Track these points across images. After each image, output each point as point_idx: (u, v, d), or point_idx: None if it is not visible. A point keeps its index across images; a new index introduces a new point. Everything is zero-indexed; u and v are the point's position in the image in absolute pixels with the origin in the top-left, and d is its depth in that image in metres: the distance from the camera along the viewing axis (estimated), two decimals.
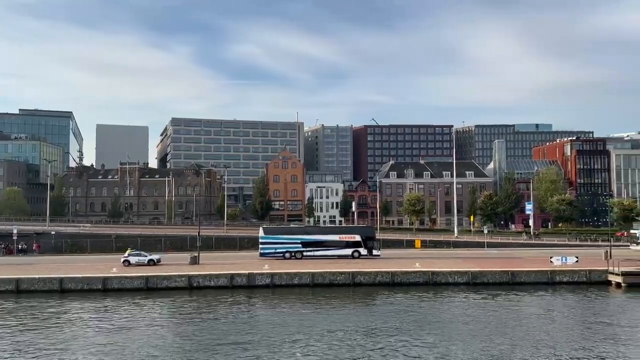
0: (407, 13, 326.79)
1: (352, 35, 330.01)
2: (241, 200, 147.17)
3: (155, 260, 52.55)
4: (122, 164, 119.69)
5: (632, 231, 69.79)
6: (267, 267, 47.68)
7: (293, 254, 56.53)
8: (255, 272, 45.46)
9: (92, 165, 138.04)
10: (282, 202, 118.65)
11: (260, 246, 57.82)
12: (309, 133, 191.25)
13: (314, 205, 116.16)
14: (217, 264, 51.13)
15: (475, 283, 44.34)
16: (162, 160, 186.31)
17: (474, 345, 26.25)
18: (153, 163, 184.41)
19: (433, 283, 44.41)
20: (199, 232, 58.94)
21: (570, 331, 29.61)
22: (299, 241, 57.33)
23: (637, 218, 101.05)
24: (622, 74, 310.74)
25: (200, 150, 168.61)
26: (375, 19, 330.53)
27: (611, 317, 33.16)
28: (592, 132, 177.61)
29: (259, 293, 42.06)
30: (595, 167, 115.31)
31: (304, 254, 56.54)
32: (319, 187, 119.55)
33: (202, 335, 29.20)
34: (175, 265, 50.73)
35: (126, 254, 53.26)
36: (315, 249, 56.93)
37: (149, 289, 43.33)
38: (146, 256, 52.97)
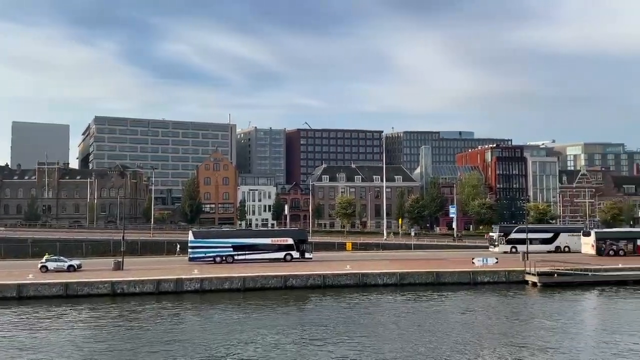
0: (340, 20, 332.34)
1: (285, 38, 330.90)
2: (169, 203, 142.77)
3: (76, 266, 49.72)
4: (41, 164, 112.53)
5: (490, 234, 73.05)
6: (196, 272, 46.51)
7: (224, 258, 55.52)
8: (183, 277, 44.19)
9: (7, 165, 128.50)
10: (213, 205, 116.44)
11: (189, 250, 56.28)
12: (242, 135, 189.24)
13: (246, 208, 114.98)
14: (143, 270, 49.21)
15: (403, 284, 45.67)
16: (84, 160, 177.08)
17: (401, 344, 27.00)
18: (74, 163, 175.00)
19: (363, 285, 45.25)
20: (123, 236, 56.38)
21: (490, 328, 31.24)
22: (230, 245, 56.39)
23: (550, 221, 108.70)
24: (538, 86, 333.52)
25: (126, 151, 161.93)
26: (309, 24, 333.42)
27: (527, 314, 35.33)
28: (511, 140, 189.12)
29: (187, 299, 40.95)
30: (514, 173, 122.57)
31: (236, 257, 55.69)
32: (251, 189, 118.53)
33: (125, 344, 27.98)
34: (97, 271, 48.29)
35: (44, 260, 50.00)
36: (247, 252, 56.19)
37: (69, 296, 40.95)
38: (66, 261, 50.03)
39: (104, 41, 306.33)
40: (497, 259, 52.91)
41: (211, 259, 55.39)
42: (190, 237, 57.02)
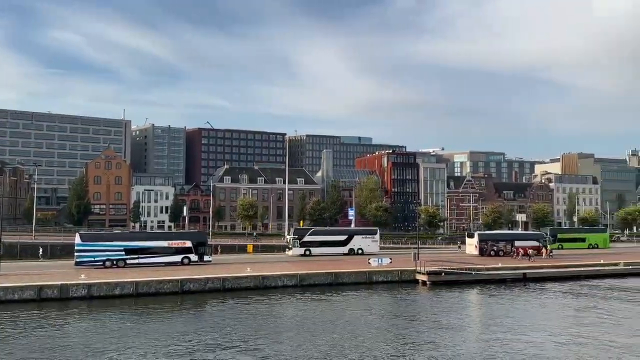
0: (245, 20, 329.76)
1: (187, 35, 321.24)
2: (54, 203, 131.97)
3: None
4: None
5: (286, 236, 74.68)
6: (84, 277, 43.35)
7: (115, 262, 52.36)
8: (69, 282, 40.99)
9: None
10: (103, 206, 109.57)
11: (76, 254, 52.33)
12: (137, 132, 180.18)
13: (140, 209, 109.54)
14: (23, 275, 44.96)
15: (303, 285, 46.18)
16: None
17: (302, 344, 27.24)
18: None
19: (263, 287, 45.07)
20: (0, 238, 51.12)
21: (383, 325, 32.59)
22: (121, 248, 53.27)
23: (439, 224, 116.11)
24: (431, 96, 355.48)
25: (5, 146, 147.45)
26: (213, 22, 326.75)
27: (416, 311, 37.40)
28: (405, 147, 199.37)
29: (74, 306, 38.02)
30: (407, 177, 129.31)
31: (128, 261, 52.76)
32: (147, 190, 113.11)
33: None
34: None
35: None
36: (140, 256, 53.49)
37: None
38: None
39: None
40: (390, 259, 55.33)
41: (100, 263, 52.01)
42: (77, 239, 53.10)
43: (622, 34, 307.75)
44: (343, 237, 70.42)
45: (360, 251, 68.72)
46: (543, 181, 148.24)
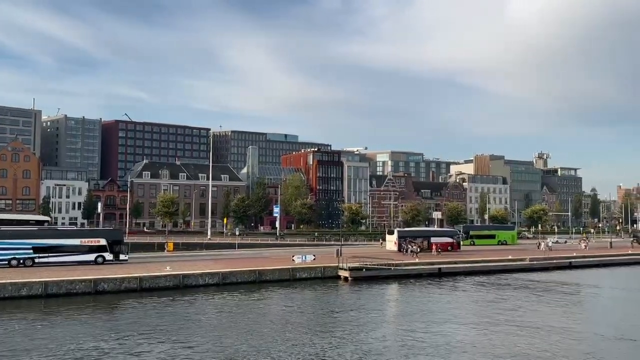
0: (170, 10, 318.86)
1: (105, 22, 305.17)
2: None
3: None
4: None
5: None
6: None
7: (22, 261, 48.79)
8: None
9: None
10: (9, 201, 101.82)
11: None
12: (48, 123, 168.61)
13: (51, 205, 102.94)
14: None
15: (225, 283, 45.50)
16: None
17: (218, 344, 26.85)
18: None
19: (184, 286, 43.90)
20: None
21: (302, 322, 32.92)
22: (29, 246, 49.71)
23: (362, 221, 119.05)
24: (355, 96, 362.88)
25: None
26: (135, 10, 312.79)
27: (336, 306, 38.11)
28: (330, 145, 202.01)
29: None
30: (332, 175, 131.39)
31: (36, 260, 49.35)
32: (58, 184, 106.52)
33: None
34: None
35: None
36: (50, 254, 50.19)
37: None
38: None
39: None
40: (314, 256, 55.93)
41: (5, 262, 48.27)
42: None
43: (530, 43, 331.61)
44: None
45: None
46: (457, 181, 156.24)
